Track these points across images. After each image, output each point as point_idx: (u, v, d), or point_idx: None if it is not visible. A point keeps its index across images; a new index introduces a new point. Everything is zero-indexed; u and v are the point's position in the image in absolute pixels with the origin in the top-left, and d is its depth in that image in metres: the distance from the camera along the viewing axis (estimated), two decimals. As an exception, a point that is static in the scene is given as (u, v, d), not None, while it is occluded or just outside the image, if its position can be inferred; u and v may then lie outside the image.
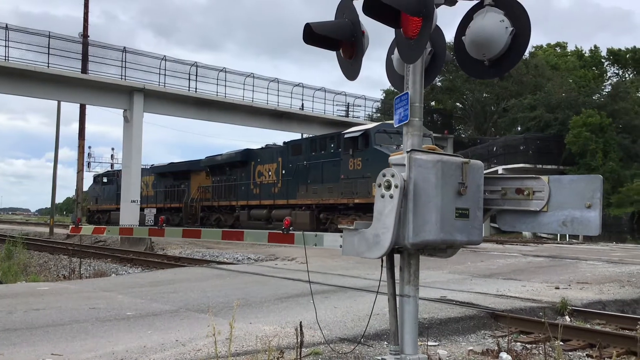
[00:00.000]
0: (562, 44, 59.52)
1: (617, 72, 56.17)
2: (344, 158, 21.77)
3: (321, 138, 24.38)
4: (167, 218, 34.40)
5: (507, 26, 3.60)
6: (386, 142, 20.64)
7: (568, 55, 57.07)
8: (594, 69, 55.54)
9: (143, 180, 37.67)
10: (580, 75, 51.47)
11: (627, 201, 33.46)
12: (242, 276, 11.40)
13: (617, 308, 8.23)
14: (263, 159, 27.76)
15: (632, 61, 54.36)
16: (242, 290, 9.22)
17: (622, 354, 5.68)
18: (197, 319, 6.63)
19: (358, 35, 3.76)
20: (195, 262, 16.33)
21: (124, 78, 31.47)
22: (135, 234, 16.46)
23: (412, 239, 3.26)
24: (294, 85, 39.49)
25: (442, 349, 5.86)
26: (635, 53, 54.12)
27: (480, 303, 7.72)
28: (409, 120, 3.63)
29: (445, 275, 11.31)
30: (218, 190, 30.98)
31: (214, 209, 31.24)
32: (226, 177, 30.36)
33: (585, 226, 3.33)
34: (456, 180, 3.37)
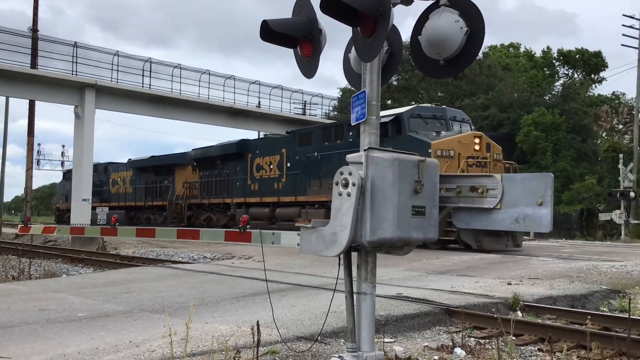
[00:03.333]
0: (515, 45, 60.82)
1: (567, 73, 57.76)
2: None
3: (337, 125, 21.64)
4: (148, 218, 32.11)
5: (462, 26, 3.65)
6: (422, 127, 18.46)
7: (520, 56, 58.35)
8: (545, 69, 56.96)
9: (119, 176, 35.67)
10: (531, 75, 52.71)
11: (576, 199, 34.50)
12: (198, 275, 11.28)
13: (567, 303, 8.46)
14: (262, 150, 24.80)
15: (582, 62, 55.98)
16: (198, 289, 9.12)
17: (572, 347, 5.83)
18: (152, 320, 6.52)
19: (316, 33, 3.76)
20: (150, 261, 16.08)
21: (75, 74, 30.74)
22: (87, 234, 16.10)
23: (369, 236, 3.28)
24: (250, 83, 39.28)
25: (398, 345, 5.91)
26: (584, 54, 55.75)
27: (436, 299, 7.83)
28: (366, 118, 3.65)
29: (401, 272, 11.43)
30: (208, 186, 28.10)
31: (204, 207, 28.37)
32: (218, 171, 27.38)
33: (537, 223, 3.41)
34: (413, 179, 3.40)
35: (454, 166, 16.94)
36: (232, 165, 26.40)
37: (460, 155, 17.28)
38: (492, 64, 48.74)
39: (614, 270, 11.43)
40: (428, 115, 18.78)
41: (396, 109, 20.91)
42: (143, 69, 33.59)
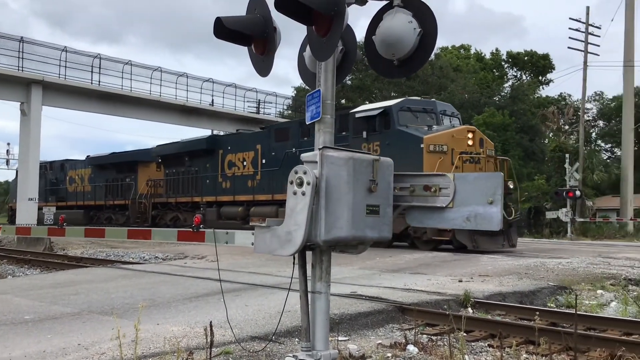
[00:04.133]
0: (465, 47, 61.97)
1: (515, 75, 59.20)
2: (354, 143, 17.88)
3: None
4: (109, 218, 30.48)
5: (415, 27, 3.68)
6: (411, 121, 17.56)
7: (470, 57, 59.51)
8: (494, 71, 58.23)
9: (77, 173, 33.60)
10: (481, 77, 53.82)
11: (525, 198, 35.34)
12: (149, 276, 11.09)
13: (516, 299, 8.66)
14: (235, 146, 23.50)
15: (530, 64, 57.48)
16: (149, 290, 8.96)
17: (521, 343, 5.98)
18: (101, 322, 6.38)
19: (270, 31, 3.74)
20: (99, 262, 15.73)
21: (21, 69, 29.83)
22: (33, 234, 15.63)
23: (324, 235, 3.29)
24: (203, 81, 38.88)
25: (352, 343, 5.94)
26: (532, 57, 57.25)
27: (389, 297, 7.90)
28: (320, 117, 3.65)
29: (355, 270, 11.49)
30: (174, 184, 26.48)
31: (170, 206, 26.71)
32: (185, 168, 25.82)
33: (488, 221, 3.48)
34: (367, 178, 3.42)
35: (447, 162, 16.35)
36: (201, 161, 24.99)
37: (453, 150, 16.57)
38: (443, 65, 49.54)
39: (561, 267, 11.76)
40: (418, 108, 17.97)
41: (384, 101, 19.96)
42: (92, 66, 32.85)
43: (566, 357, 5.49)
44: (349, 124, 18.51)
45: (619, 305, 8.40)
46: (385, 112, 17.65)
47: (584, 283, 10.07)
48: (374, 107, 18.53)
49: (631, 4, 31.18)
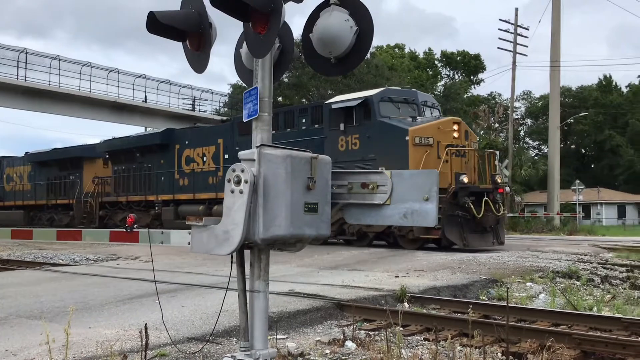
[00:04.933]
0: (400, 46, 63.01)
1: (448, 74, 60.66)
2: (331, 135, 17.13)
3: (286, 112, 19.37)
4: (52, 218, 28.18)
5: (352, 25, 3.71)
6: (393, 112, 16.66)
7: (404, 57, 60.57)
8: (428, 70, 59.47)
9: (15, 171, 31.07)
10: (415, 76, 54.87)
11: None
12: (81, 278, 10.74)
13: (449, 293, 8.87)
14: (193, 141, 22.05)
15: (462, 64, 59.02)
16: (81, 293, 8.68)
17: (455, 335, 6.12)
18: (30, 326, 6.13)
19: (205, 27, 3.67)
20: (27, 264, 15.11)
21: (-61, 63, 28.32)
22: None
23: (262, 234, 3.26)
24: (136, 77, 37.98)
25: (290, 341, 5.94)
26: (464, 57, 58.79)
27: (327, 294, 7.94)
28: (258, 115, 3.62)
29: (293, 268, 11.49)
30: (124, 181, 24.61)
31: (121, 205, 24.80)
32: (137, 164, 24.04)
33: (424, 218, 3.54)
34: (305, 175, 3.41)
35: (433, 155, 15.61)
36: (154, 157, 23.32)
37: (439, 143, 15.82)
38: (379, 64, 50.17)
39: (492, 261, 12.13)
40: (399, 98, 17.12)
41: (363, 92, 18.82)
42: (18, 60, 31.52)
43: (498, 349, 5.66)
44: (323, 115, 17.59)
45: (547, 297, 8.73)
46: (365, 102, 16.64)
47: (514, 276, 10.42)
48: (352, 98, 17.57)
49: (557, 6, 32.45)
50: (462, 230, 15.21)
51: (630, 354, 5.16)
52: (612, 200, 61.72)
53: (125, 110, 36.84)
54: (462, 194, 15.20)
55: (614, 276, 11.14)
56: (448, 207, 14.94)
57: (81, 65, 34.72)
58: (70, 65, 34.33)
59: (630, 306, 8.48)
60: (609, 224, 55.13)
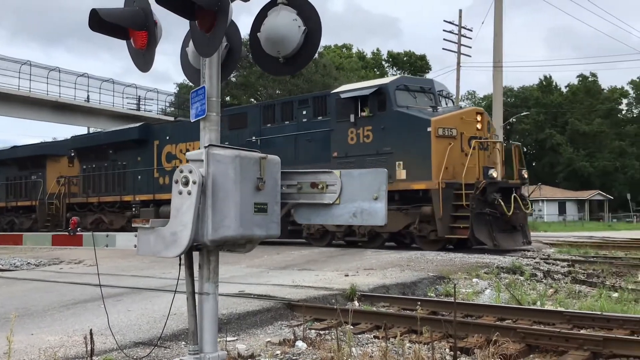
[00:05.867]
0: (347, 46, 63.46)
1: (395, 74, 61.45)
2: (339, 128, 15.88)
3: (284, 103, 18.02)
4: (12, 222, 26.01)
5: (300, 25, 3.71)
6: (409, 101, 15.42)
7: (352, 56, 61.05)
8: (375, 70, 60.11)
9: None
10: (363, 75, 55.38)
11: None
12: (21, 283, 10.38)
13: (399, 290, 8.97)
14: (175, 136, 20.24)
15: (409, 64, 59.91)
16: (22, 298, 8.39)
17: (404, 332, 6.19)
18: (-32, 336, 5.88)
19: (150, 25, 3.60)
20: (-36, 270, 14.50)
21: None
22: None
23: (211, 235, 3.22)
24: (77, 76, 36.97)
25: (240, 343, 5.89)
26: (410, 57, 59.70)
27: (277, 294, 7.91)
28: (206, 115, 3.57)
29: (243, 269, 11.41)
30: (95, 181, 22.70)
31: (91, 207, 22.78)
32: (109, 162, 22.28)
33: (373, 217, 3.56)
34: (254, 176, 3.39)
35: (456, 148, 14.63)
36: (130, 154, 21.55)
37: (463, 134, 14.80)
38: (327, 64, 50.42)
39: (440, 258, 12.33)
40: (415, 87, 15.90)
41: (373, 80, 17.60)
42: (-49, 58, 30.21)
43: (446, 344, 5.76)
44: (329, 106, 16.28)
45: (492, 293, 8.94)
46: (379, 91, 15.30)
47: (460, 272, 10.62)
48: (363, 86, 16.17)
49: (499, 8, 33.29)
50: (491, 229, 14.10)
51: (572, 346, 5.32)
52: (553, 197, 63.77)
53: (67, 110, 35.81)
54: (490, 190, 14.10)
55: (555, 271, 11.49)
56: (476, 204, 13.89)
57: (20, 64, 33.57)
58: (8, 63, 33.19)
59: (571, 300, 8.77)
60: (550, 220, 56.96)
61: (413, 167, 14.64)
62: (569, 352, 5.25)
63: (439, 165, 14.18)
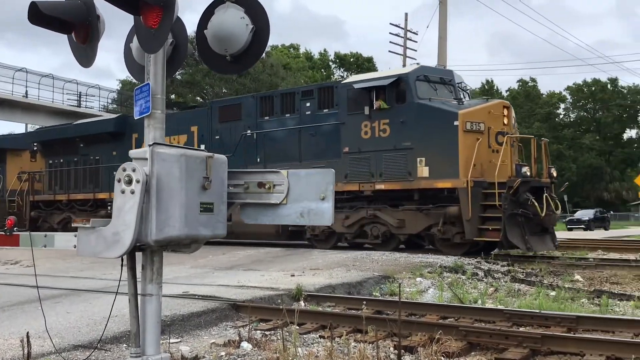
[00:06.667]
0: (295, 46, 63.47)
1: (342, 75, 61.85)
2: (351, 121, 14.70)
3: (285, 94, 16.68)
4: None
5: (248, 23, 3.69)
6: (430, 93, 14.30)
7: (299, 57, 61.12)
8: (322, 70, 60.37)
9: None
10: (309, 75, 55.50)
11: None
12: (-46, 285, 9.93)
13: (344, 290, 9.02)
14: None
15: (356, 66, 60.41)
16: (-46, 301, 8.03)
17: (350, 332, 6.23)
18: None
19: (93, 19, 3.50)
20: None
21: None
22: None
23: (155, 235, 3.16)
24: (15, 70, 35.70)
25: (184, 345, 5.80)
26: (358, 59, 60.22)
27: (223, 295, 7.83)
28: (150, 112, 3.50)
29: (187, 269, 11.25)
30: (64, 177, 21.02)
31: (59, 205, 21.08)
32: (80, 157, 20.60)
33: (320, 217, 3.56)
34: (201, 175, 3.34)
35: (484, 144, 13.62)
36: (104, 148, 19.86)
37: (490, 129, 13.80)
38: (274, 63, 50.29)
39: (385, 258, 12.47)
40: (435, 78, 14.70)
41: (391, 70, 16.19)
42: None
43: (391, 343, 5.82)
44: (338, 98, 15.11)
45: (435, 292, 9.10)
46: (398, 81, 14.13)
47: (405, 272, 10.76)
48: (379, 76, 14.97)
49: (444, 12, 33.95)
50: (523, 232, 13.14)
51: (512, 343, 5.47)
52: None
53: (5, 105, 34.51)
54: (523, 190, 13.13)
55: (496, 270, 11.79)
56: (509, 204, 12.94)
57: (-47, 56, 32.20)
58: (-60, 56, 31.77)
59: (511, 298, 9.03)
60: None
61: (437, 164, 13.54)
62: (509, 349, 5.39)
63: (467, 162, 13.10)
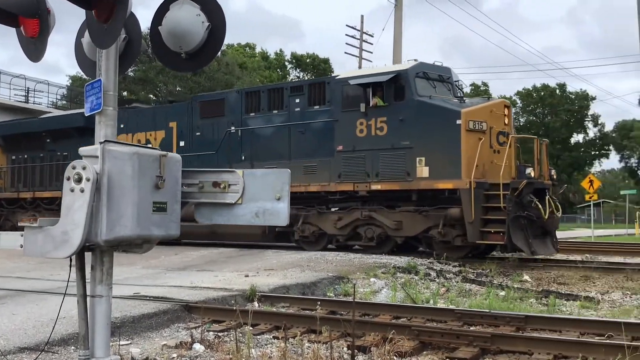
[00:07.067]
0: (251, 45, 63.17)
1: (298, 76, 61.89)
2: (345, 118, 14.20)
3: (272, 90, 16.02)
4: None
5: (204, 21, 3.64)
6: (429, 91, 13.84)
7: (255, 56, 60.86)
8: (278, 70, 60.26)
9: None
10: (266, 75, 55.32)
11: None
12: None
13: (299, 291, 9.01)
14: (131, 124, 17.94)
15: (312, 67, 60.53)
16: None
17: (304, 332, 6.22)
18: None
19: (43, 12, 3.40)
20: None
21: None
22: None
23: (105, 235, 3.08)
24: (-41, 64, 34.37)
25: (135, 347, 5.70)
26: (314, 60, 60.34)
27: (175, 296, 7.73)
28: (102, 109, 3.42)
29: (139, 270, 11.06)
30: (29, 174, 20.05)
31: (23, 203, 20.11)
32: (46, 153, 19.68)
33: (276, 217, 3.55)
34: (154, 173, 3.28)
35: (486, 144, 13.26)
36: (73, 144, 17.91)
37: (492, 129, 13.43)
38: (230, 62, 49.90)
39: (339, 259, 12.51)
40: (434, 75, 14.26)
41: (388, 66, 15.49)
42: None
43: (344, 343, 5.85)
44: (331, 94, 14.58)
45: (389, 292, 9.19)
46: (397, 77, 13.67)
47: (359, 272, 10.83)
48: (376, 72, 14.46)
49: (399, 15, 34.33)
50: (527, 235, 12.73)
51: (463, 343, 5.56)
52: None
53: (-52, 100, 33.27)
54: (527, 191, 12.84)
55: (448, 270, 11.98)
56: (514, 207, 12.58)
57: None
58: None
59: (462, 298, 9.19)
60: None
61: (438, 164, 13.13)
62: (460, 349, 5.48)
63: (470, 163, 12.76)
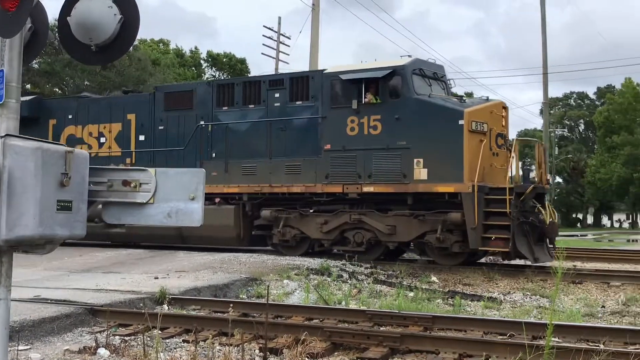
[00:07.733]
0: (165, 41, 61.77)
1: (214, 75, 61.13)
2: (334, 115, 13.36)
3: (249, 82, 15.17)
4: None
5: (116, 13, 3.52)
6: (425, 89, 13.18)
7: (169, 52, 59.54)
8: (193, 68, 59.29)
9: None
10: (180, 73, 54.23)
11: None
12: None
13: (211, 293, 8.88)
14: (81, 115, 16.57)
15: (229, 66, 59.98)
16: None
17: (215, 335, 6.14)
18: None
19: None
20: None
21: None
22: None
23: (5, 235, 2.90)
24: None
25: (34, 352, 5.43)
26: (231, 59, 59.82)
27: (78, 300, 7.42)
28: (4, 101, 3.22)
29: (39, 272, 10.54)
30: None
31: None
32: None
33: (189, 217, 3.46)
34: (59, 171, 3.12)
35: (487, 147, 12.70)
36: None
37: (492, 130, 12.91)
38: (142, 57, 48.55)
39: (252, 260, 12.44)
40: (429, 73, 13.62)
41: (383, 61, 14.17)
42: None
43: (256, 345, 5.81)
44: (316, 89, 13.70)
45: (302, 293, 9.22)
46: (394, 73, 12.88)
47: (272, 274, 10.81)
48: (370, 67, 13.48)
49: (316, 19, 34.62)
50: (530, 241, 12.15)
51: (373, 343, 5.67)
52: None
53: None
54: (530, 196, 12.35)
55: (360, 272, 12.17)
56: (518, 212, 12.00)
57: None
58: None
59: (373, 299, 9.36)
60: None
61: (437, 166, 12.49)
62: (370, 349, 5.58)
63: (473, 165, 12.18)
